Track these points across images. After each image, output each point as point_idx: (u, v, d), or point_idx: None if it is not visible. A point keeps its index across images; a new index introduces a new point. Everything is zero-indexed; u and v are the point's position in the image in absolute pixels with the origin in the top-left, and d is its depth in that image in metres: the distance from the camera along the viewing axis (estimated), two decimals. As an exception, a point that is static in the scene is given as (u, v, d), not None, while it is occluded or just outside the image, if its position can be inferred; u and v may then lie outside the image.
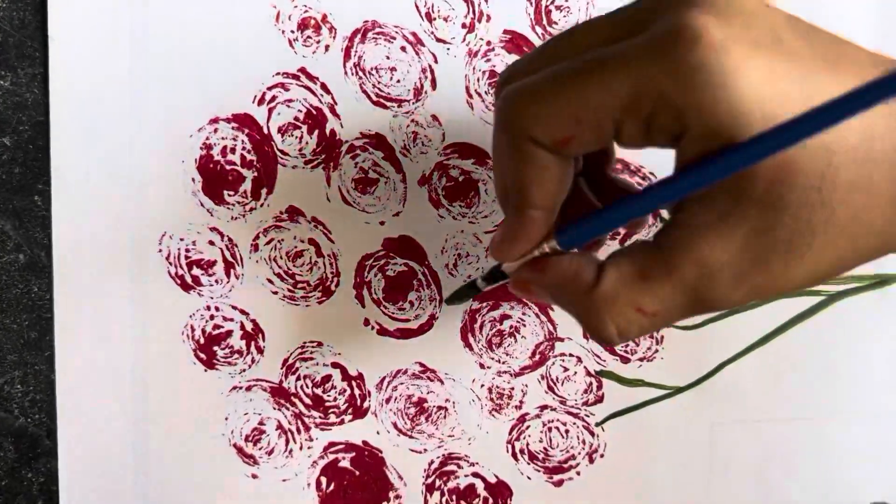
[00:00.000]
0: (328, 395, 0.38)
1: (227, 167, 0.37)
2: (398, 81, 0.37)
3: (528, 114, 0.25)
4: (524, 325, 0.39)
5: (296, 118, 0.37)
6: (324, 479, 0.38)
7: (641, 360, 0.40)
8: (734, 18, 0.22)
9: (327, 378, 0.38)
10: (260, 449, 0.38)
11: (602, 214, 0.26)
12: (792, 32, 0.23)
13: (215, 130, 0.36)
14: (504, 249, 0.28)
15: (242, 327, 0.37)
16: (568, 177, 0.26)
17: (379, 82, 0.37)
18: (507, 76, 0.27)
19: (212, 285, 0.37)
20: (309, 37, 0.37)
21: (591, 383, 0.39)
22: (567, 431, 0.40)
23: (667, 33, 0.22)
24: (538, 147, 0.25)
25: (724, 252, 0.24)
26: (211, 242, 0.37)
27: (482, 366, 0.39)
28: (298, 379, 0.38)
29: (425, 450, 0.39)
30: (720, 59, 0.22)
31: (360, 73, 0.37)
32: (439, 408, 0.39)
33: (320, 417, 0.38)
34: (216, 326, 0.37)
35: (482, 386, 0.39)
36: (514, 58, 0.38)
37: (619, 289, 0.25)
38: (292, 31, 0.36)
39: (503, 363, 0.39)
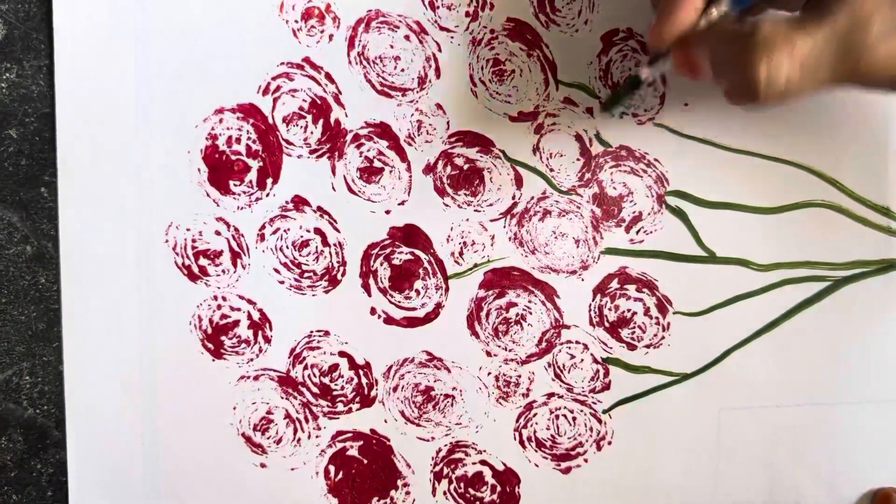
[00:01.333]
0: (336, 384, 0.38)
1: (233, 157, 0.37)
2: (402, 70, 0.37)
3: None
4: (530, 313, 0.39)
5: (300, 108, 0.37)
6: (332, 468, 0.39)
7: (648, 346, 0.40)
8: None
9: (334, 367, 0.38)
10: (268, 438, 0.38)
11: None
12: None
13: (220, 121, 0.36)
14: (664, 28, 0.30)
15: (249, 317, 0.37)
16: None
17: (383, 71, 0.37)
18: None
19: (218, 275, 0.37)
20: (313, 26, 0.37)
21: (597, 370, 0.39)
22: (574, 419, 0.40)
23: None
24: None
25: (877, 1, 0.25)
26: (217, 232, 0.37)
27: (489, 354, 0.39)
28: (306, 368, 0.38)
29: (433, 438, 0.39)
30: None
31: (365, 63, 0.37)
32: (446, 396, 0.39)
33: (328, 406, 0.38)
34: (223, 316, 0.37)
35: (489, 374, 0.39)
36: (517, 46, 0.38)
37: (776, 31, 0.26)
38: (296, 21, 0.37)
39: (510, 351, 0.39)
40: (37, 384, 0.37)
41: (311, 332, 0.38)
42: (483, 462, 0.39)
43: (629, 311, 0.39)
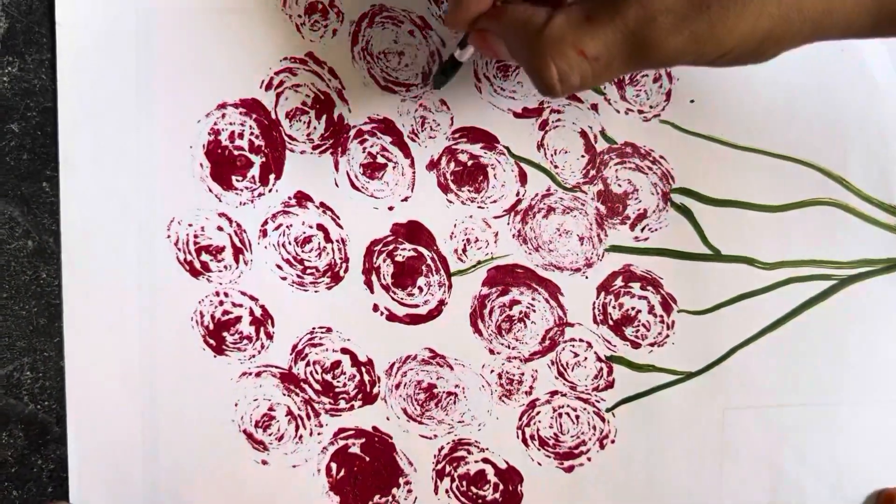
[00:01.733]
0: (338, 381, 0.38)
1: (236, 152, 0.36)
2: (406, 66, 0.37)
3: None
4: (534, 311, 0.39)
5: (303, 103, 0.37)
6: (334, 465, 0.38)
7: (652, 345, 0.39)
8: None
9: (337, 364, 0.38)
10: (270, 435, 0.38)
11: None
12: None
13: (223, 116, 0.36)
14: (457, 14, 0.29)
15: (251, 313, 0.37)
16: None
17: (387, 66, 0.37)
18: None
19: (220, 271, 0.37)
20: (316, 21, 0.36)
21: (601, 369, 0.39)
22: (577, 417, 0.39)
23: None
24: None
25: None
26: (219, 228, 0.37)
27: (492, 351, 0.39)
28: (308, 365, 0.38)
29: (435, 435, 0.39)
30: None
31: (368, 58, 0.37)
32: (449, 393, 0.39)
33: (330, 403, 0.38)
34: (225, 312, 0.37)
35: (492, 371, 0.39)
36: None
37: (565, 30, 0.26)
38: (300, 16, 0.36)
39: (513, 349, 0.39)
40: (38, 379, 0.37)
41: (314, 328, 0.38)
42: (485, 460, 0.39)
43: (633, 308, 0.39)
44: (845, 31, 0.26)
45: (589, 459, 0.40)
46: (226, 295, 0.37)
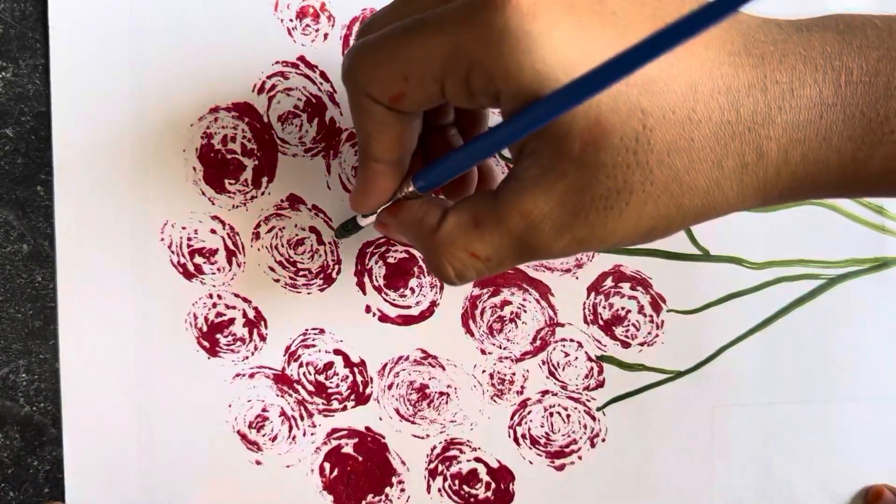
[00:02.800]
0: (331, 382, 0.38)
1: (228, 156, 0.37)
2: (397, 69, 0.37)
3: (363, 69, 0.26)
4: (525, 311, 0.39)
5: (296, 106, 0.37)
6: (327, 465, 0.39)
7: (642, 344, 0.40)
8: None
9: (329, 365, 0.38)
10: (263, 436, 0.38)
11: (447, 158, 0.28)
12: None
13: (216, 119, 0.37)
14: (358, 201, 0.30)
15: (245, 315, 0.38)
16: (411, 131, 0.28)
17: (378, 70, 0.37)
18: (363, 28, 0.29)
19: (214, 273, 0.37)
20: (308, 25, 0.37)
21: (591, 368, 0.40)
22: (568, 416, 0.40)
23: None
24: (375, 102, 0.26)
25: (545, 204, 0.25)
26: (213, 231, 0.37)
27: (483, 352, 0.39)
28: (301, 366, 0.38)
29: (427, 435, 0.39)
30: (525, 23, 0.23)
31: (359, 61, 0.37)
32: (441, 394, 0.39)
33: (323, 404, 0.39)
34: (219, 314, 0.37)
35: (483, 372, 0.39)
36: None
37: (455, 233, 0.27)
38: (291, 20, 0.37)
39: (504, 349, 0.39)
40: (33, 381, 0.37)
41: (307, 330, 0.38)
42: (477, 459, 0.40)
43: (623, 309, 0.40)
44: (733, 211, 0.26)
45: (580, 458, 0.40)
46: (219, 297, 0.37)
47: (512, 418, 0.40)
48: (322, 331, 0.38)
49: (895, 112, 0.24)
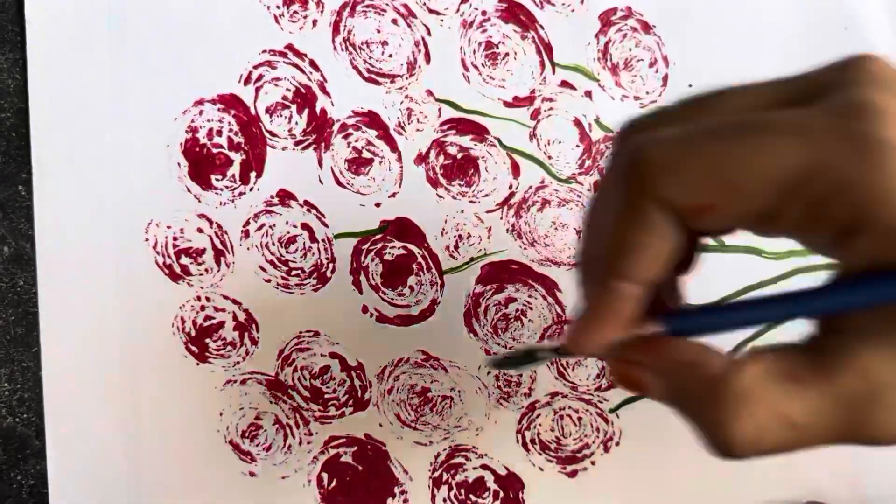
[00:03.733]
0: (327, 387, 0.36)
1: (214, 150, 0.35)
2: (390, 56, 0.36)
3: (665, 169, 0.20)
4: (531, 309, 0.37)
5: (284, 97, 0.35)
6: (325, 476, 0.37)
7: (656, 341, 0.37)
8: None
9: (325, 369, 0.36)
10: (257, 445, 0.36)
11: (727, 310, 0.23)
12: None
13: (200, 113, 0.35)
14: (589, 334, 0.23)
15: (235, 318, 0.36)
16: (677, 251, 0.22)
17: (370, 57, 0.36)
18: (634, 125, 0.23)
19: (201, 274, 0.35)
20: (295, 12, 0.35)
21: (603, 368, 0.37)
22: (580, 419, 0.38)
23: (850, 105, 0.19)
24: (662, 210, 0.21)
25: (894, 369, 0.20)
26: (199, 230, 0.35)
27: (488, 352, 0.37)
28: (295, 371, 0.36)
29: (431, 442, 0.37)
30: None
31: (351, 49, 0.35)
32: (444, 397, 0.37)
33: (319, 410, 0.37)
34: (207, 318, 0.36)
35: (489, 373, 0.37)
36: (510, 28, 0.36)
37: (762, 386, 0.21)
38: (278, 7, 0.35)
39: (510, 349, 0.37)
40: (16, 391, 0.35)
41: (301, 332, 0.36)
42: (484, 467, 0.37)
43: (635, 304, 0.37)
44: None
45: (593, 463, 0.38)
46: (207, 299, 0.36)
47: (520, 422, 0.37)
48: (317, 333, 0.36)
49: None
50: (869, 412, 0.20)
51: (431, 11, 0.36)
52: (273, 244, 0.36)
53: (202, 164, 0.35)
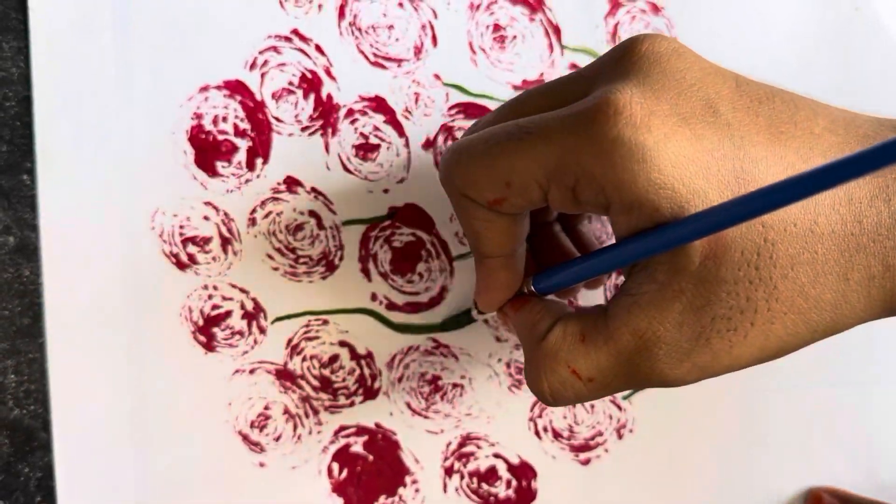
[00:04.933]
0: (336, 376, 0.36)
1: (220, 137, 0.35)
2: (397, 40, 0.35)
3: (460, 174, 0.26)
4: (541, 295, 0.37)
5: (290, 83, 0.35)
6: (335, 466, 0.36)
7: (669, 327, 0.37)
8: (666, 92, 0.23)
9: (335, 358, 0.36)
10: (266, 435, 0.36)
11: (567, 267, 0.27)
12: (733, 103, 0.23)
13: (206, 99, 0.34)
14: (485, 300, 0.30)
15: (242, 307, 0.35)
16: (518, 226, 0.27)
17: (377, 41, 0.35)
18: (468, 130, 0.30)
19: (208, 263, 0.35)
20: (301, -4, 0.35)
21: (615, 354, 0.37)
22: (593, 406, 0.37)
23: (589, 108, 0.23)
24: (476, 204, 0.26)
25: (660, 325, 0.23)
26: (206, 218, 0.35)
27: (499, 339, 0.37)
28: (304, 360, 0.36)
29: (442, 430, 0.37)
30: (639, 135, 0.22)
31: (357, 33, 0.35)
32: (455, 385, 0.37)
33: (329, 400, 0.36)
34: (215, 307, 0.35)
35: (500, 360, 0.37)
36: (518, 10, 0.36)
37: (559, 346, 0.26)
38: (283, -9, 0.35)
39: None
40: (22, 383, 0.35)
41: (309, 321, 0.36)
42: (496, 455, 0.37)
43: (647, 289, 0.37)
44: (861, 322, 0.25)
45: (606, 451, 0.37)
46: (215, 288, 0.35)
47: (532, 410, 0.37)
48: (325, 321, 0.36)
49: None
50: (646, 364, 0.24)
51: (438, -6, 0.35)
52: (280, 232, 0.35)
53: (208, 150, 0.35)
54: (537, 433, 0.37)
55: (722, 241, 0.22)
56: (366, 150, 0.35)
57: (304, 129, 0.35)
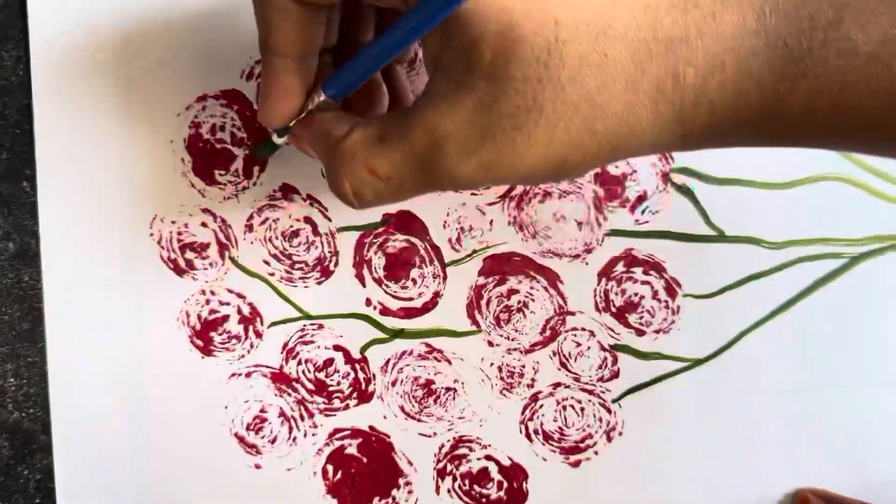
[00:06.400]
0: (331, 380, 0.37)
1: (218, 145, 0.35)
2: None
3: None
4: (533, 300, 0.37)
5: (287, 92, 0.35)
6: (330, 468, 0.37)
7: (657, 332, 0.38)
8: None
9: (329, 362, 0.37)
10: (262, 438, 0.36)
11: (356, 58, 0.26)
12: None
13: (203, 108, 0.35)
14: (265, 109, 0.28)
15: (239, 311, 0.36)
16: (316, 26, 0.26)
17: (371, 52, 0.36)
18: None
19: (206, 269, 0.36)
20: (297, 7, 0.35)
21: (605, 358, 0.38)
22: (582, 409, 0.38)
23: None
24: None
25: (451, 122, 0.23)
26: (203, 224, 0.36)
27: (490, 344, 0.37)
28: (300, 363, 0.37)
29: (435, 433, 0.37)
30: None
31: (352, 43, 0.36)
32: (448, 389, 0.37)
33: (324, 403, 0.37)
34: (212, 311, 0.36)
35: (491, 365, 0.37)
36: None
37: (357, 147, 0.26)
38: (280, 3, 0.35)
39: (512, 340, 0.37)
40: (22, 386, 0.36)
41: (305, 325, 0.36)
42: (488, 457, 0.38)
43: (636, 294, 0.38)
44: (653, 149, 0.25)
45: (596, 453, 0.38)
46: (212, 293, 0.36)
47: (523, 413, 0.38)
48: (321, 326, 0.36)
49: (819, 44, 0.23)
50: (436, 160, 0.24)
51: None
52: (276, 238, 0.36)
53: (206, 159, 0.35)
54: (528, 436, 0.38)
55: (513, 35, 0.22)
56: (361, 158, 0.36)
57: (300, 138, 0.36)
